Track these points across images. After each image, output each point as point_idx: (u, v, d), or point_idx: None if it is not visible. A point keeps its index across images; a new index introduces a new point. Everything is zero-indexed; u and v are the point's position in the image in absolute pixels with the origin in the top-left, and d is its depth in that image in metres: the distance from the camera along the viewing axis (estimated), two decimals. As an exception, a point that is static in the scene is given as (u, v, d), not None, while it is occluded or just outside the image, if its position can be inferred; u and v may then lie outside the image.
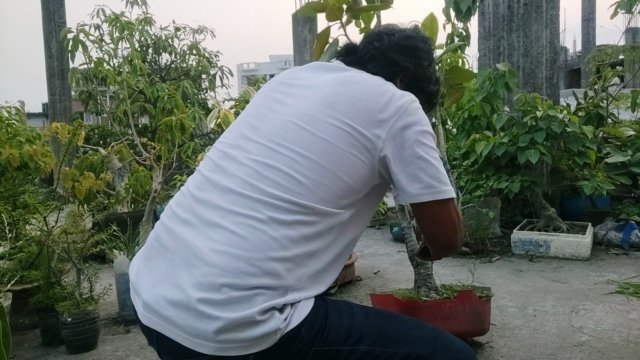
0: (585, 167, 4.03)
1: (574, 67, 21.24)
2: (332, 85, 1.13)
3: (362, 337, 1.03)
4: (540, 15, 4.84)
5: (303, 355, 0.98)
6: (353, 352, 1.02)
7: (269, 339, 0.93)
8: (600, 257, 3.82)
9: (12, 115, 3.56)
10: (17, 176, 3.44)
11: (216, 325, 0.90)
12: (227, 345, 0.92)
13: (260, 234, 0.96)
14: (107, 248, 2.62)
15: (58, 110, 10.98)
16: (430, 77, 1.35)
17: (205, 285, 0.92)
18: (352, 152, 1.05)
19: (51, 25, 10.77)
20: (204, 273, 0.93)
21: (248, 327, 0.91)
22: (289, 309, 0.97)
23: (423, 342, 1.08)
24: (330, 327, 1.01)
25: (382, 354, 1.03)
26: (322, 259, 1.03)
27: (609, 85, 4.88)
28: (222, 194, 1.01)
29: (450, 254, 1.27)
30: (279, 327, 0.93)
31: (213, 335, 0.91)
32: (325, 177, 1.02)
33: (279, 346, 0.95)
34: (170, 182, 5.98)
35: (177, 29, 9.61)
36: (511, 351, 2.15)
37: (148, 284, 1.00)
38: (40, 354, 2.31)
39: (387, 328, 1.07)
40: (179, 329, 0.93)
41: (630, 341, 2.20)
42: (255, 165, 1.03)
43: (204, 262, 0.94)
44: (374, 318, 1.08)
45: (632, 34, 17.16)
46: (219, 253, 0.94)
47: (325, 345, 1.00)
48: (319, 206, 1.01)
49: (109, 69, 3.20)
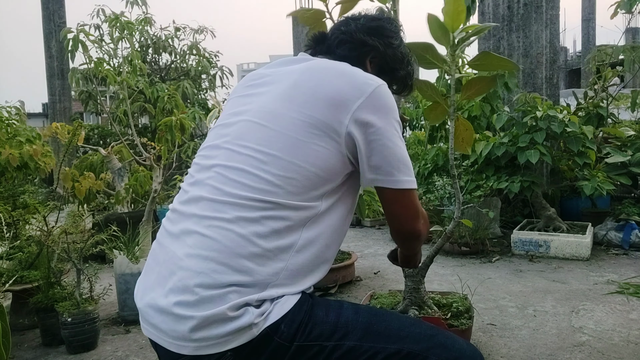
0: (585, 167, 4.03)
1: (574, 67, 21.23)
2: (292, 77, 1.13)
3: (349, 332, 1.03)
4: (540, 15, 4.84)
5: (284, 351, 0.98)
6: (338, 348, 1.01)
7: (243, 333, 0.94)
8: (600, 257, 3.82)
9: (12, 115, 3.55)
10: (17, 176, 3.44)
11: (190, 324, 0.93)
12: (203, 344, 0.94)
13: (228, 233, 0.98)
14: (107, 248, 2.62)
15: (58, 110, 10.98)
16: (402, 58, 1.34)
17: (180, 289, 0.96)
18: (315, 142, 1.04)
19: (51, 25, 10.77)
20: (180, 277, 0.97)
21: (221, 323, 0.93)
22: (268, 304, 0.98)
23: (418, 338, 1.06)
24: (314, 323, 1.01)
25: (370, 349, 1.02)
26: (303, 252, 1.03)
27: (609, 85, 4.88)
28: (197, 204, 1.05)
29: (409, 244, 1.28)
30: (252, 322, 0.94)
31: (189, 334, 0.94)
32: (291, 171, 1.03)
33: (257, 343, 0.96)
34: (170, 182, 5.98)
35: (177, 29, 9.61)
36: (511, 351, 2.15)
37: (140, 296, 1.05)
38: (40, 354, 2.31)
39: (377, 324, 1.06)
40: (163, 334, 0.98)
41: (630, 341, 2.20)
42: (222, 170, 1.05)
43: (180, 268, 0.98)
44: (364, 315, 1.07)
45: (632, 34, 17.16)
46: (192, 257, 0.98)
47: (308, 340, 1.00)
48: (287, 201, 1.01)
49: (109, 69, 3.20)
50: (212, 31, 9.89)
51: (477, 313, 2.59)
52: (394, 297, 2.28)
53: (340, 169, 1.09)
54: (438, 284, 3.25)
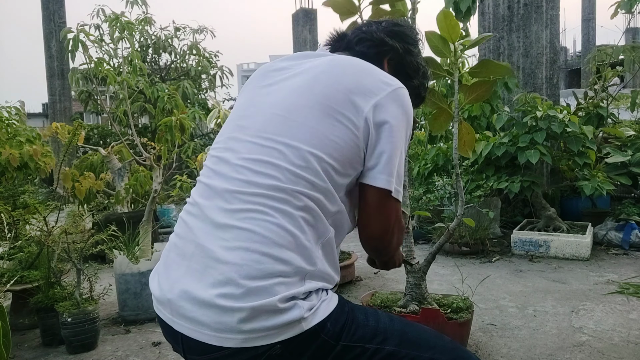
0: (585, 167, 4.03)
1: (574, 67, 21.24)
2: (314, 70, 1.14)
3: (387, 338, 1.05)
4: (540, 15, 4.84)
5: (329, 350, 1.00)
6: (379, 351, 1.03)
7: (293, 327, 0.95)
8: (600, 257, 3.82)
9: (12, 115, 3.55)
10: (17, 176, 3.44)
11: (239, 316, 0.93)
12: (252, 335, 0.94)
13: (266, 224, 0.98)
14: (107, 248, 2.62)
15: (58, 111, 10.99)
16: (418, 67, 1.35)
17: (223, 282, 0.95)
18: (334, 134, 1.06)
19: (51, 25, 10.78)
20: (221, 271, 0.96)
21: (271, 315, 0.93)
22: (315, 300, 0.99)
23: (443, 350, 1.09)
24: (357, 325, 1.04)
25: (407, 355, 1.05)
26: (329, 244, 1.06)
27: (609, 85, 4.88)
28: (223, 197, 1.04)
29: (374, 253, 1.27)
30: (302, 316, 0.95)
31: (238, 325, 0.93)
32: (311, 162, 1.04)
33: (304, 338, 0.97)
34: (170, 182, 5.97)
35: (177, 29, 9.61)
36: (511, 351, 2.15)
37: (169, 289, 1.02)
38: (40, 354, 2.31)
39: (410, 333, 1.09)
40: (205, 327, 0.96)
41: (630, 341, 2.20)
42: (247, 163, 1.06)
43: (218, 262, 0.97)
44: (398, 323, 1.10)
45: (632, 34, 17.17)
46: (232, 250, 0.97)
47: (352, 341, 1.01)
48: (309, 192, 1.03)
49: (109, 69, 3.20)
50: (212, 31, 9.90)
51: (477, 313, 2.59)
52: (394, 295, 2.29)
53: (356, 164, 1.09)
54: (438, 284, 3.25)
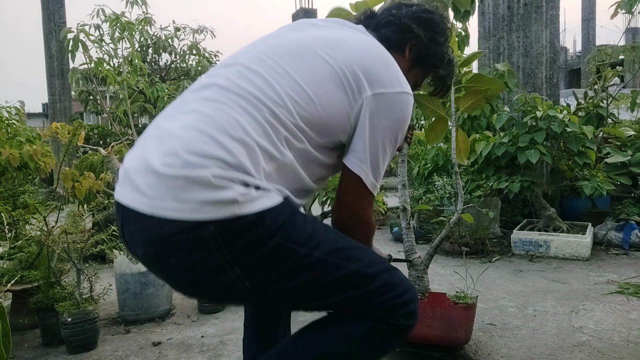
0: (585, 167, 4.03)
1: (574, 67, 21.24)
2: (341, 33, 1.21)
3: (319, 245, 1.09)
4: (540, 15, 4.84)
5: (262, 243, 1.02)
6: (308, 256, 1.07)
7: (225, 207, 0.98)
8: (600, 257, 3.82)
9: (12, 115, 3.55)
10: (17, 176, 3.44)
11: (174, 184, 0.97)
12: (183, 206, 0.97)
13: (226, 115, 1.04)
14: (107, 248, 2.62)
15: (58, 110, 10.99)
16: (443, 57, 1.38)
17: (169, 154, 1.00)
18: (335, 93, 1.12)
19: (51, 25, 10.78)
20: (170, 145, 1.02)
21: (204, 188, 0.97)
22: (253, 190, 1.02)
23: (371, 263, 1.15)
24: (294, 227, 1.07)
25: (333, 264, 1.10)
26: (283, 174, 1.11)
27: (609, 85, 4.88)
28: (206, 90, 1.12)
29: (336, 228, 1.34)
30: (235, 198, 0.98)
31: (170, 192, 0.97)
32: (302, 99, 1.09)
33: (241, 227, 1.00)
34: (170, 182, 5.97)
35: (177, 29, 9.62)
36: (511, 351, 2.15)
37: (127, 160, 1.10)
38: (40, 354, 2.31)
39: (342, 244, 1.15)
40: (142, 195, 1.00)
41: (630, 341, 2.20)
42: (241, 68, 1.12)
43: (171, 137, 1.03)
44: (332, 233, 1.17)
45: (632, 34, 17.17)
46: (187, 128, 1.03)
47: (286, 241, 1.04)
48: (285, 118, 1.08)
49: (109, 69, 3.20)
50: (212, 31, 9.90)
51: (477, 313, 2.59)
52: None
53: (337, 131, 1.16)
54: (438, 284, 3.25)
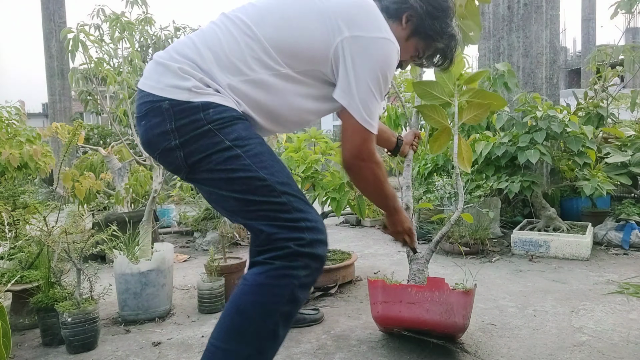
0: (585, 167, 4.03)
1: (574, 67, 21.24)
2: None
3: (244, 146, 1.27)
4: (540, 15, 4.84)
5: (199, 126, 1.26)
6: (230, 149, 1.25)
7: (181, 91, 1.27)
8: (600, 257, 3.82)
9: (12, 115, 3.55)
10: (17, 176, 3.44)
11: (158, 69, 1.34)
12: (156, 85, 1.31)
13: (214, 33, 1.35)
14: (107, 248, 2.62)
15: (58, 110, 10.99)
16: (442, 31, 1.50)
17: (167, 51, 1.38)
18: (316, 27, 1.31)
19: (51, 25, 10.78)
20: (171, 47, 1.40)
21: (171, 74, 1.30)
22: (211, 90, 1.28)
23: (283, 182, 1.28)
24: (233, 129, 1.27)
25: (248, 165, 1.25)
26: (250, 88, 1.31)
27: (609, 85, 4.88)
28: (220, 15, 1.42)
29: (351, 177, 1.50)
30: (191, 87, 1.27)
31: (154, 75, 1.34)
32: (281, 27, 1.32)
33: (187, 108, 1.26)
34: (170, 182, 5.98)
35: (177, 29, 9.63)
36: (511, 351, 2.15)
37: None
38: (40, 354, 2.31)
39: (266, 155, 1.30)
40: (147, 79, 1.36)
41: (630, 341, 2.20)
42: (247, 4, 1.40)
43: (176, 43, 1.42)
44: (263, 147, 1.32)
45: (632, 34, 17.18)
46: (186, 39, 1.38)
47: (218, 130, 1.26)
48: (263, 41, 1.31)
49: (109, 69, 3.19)
50: (212, 31, 9.90)
51: (477, 313, 2.59)
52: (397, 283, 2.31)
53: (319, 64, 1.33)
54: (438, 284, 3.24)
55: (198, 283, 2.81)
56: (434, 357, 2.07)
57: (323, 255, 1.28)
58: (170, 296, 2.81)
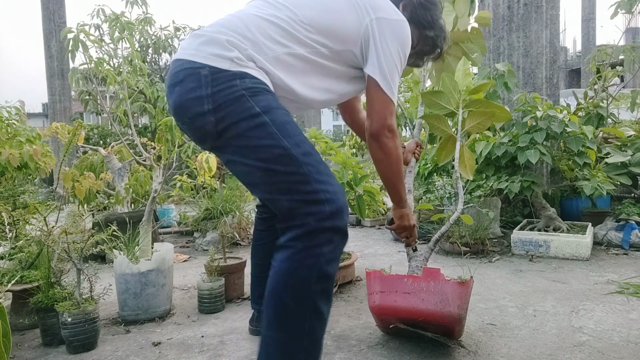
0: (585, 167, 4.03)
1: (574, 67, 21.24)
2: None
3: (275, 119, 1.33)
4: (540, 15, 4.84)
5: (233, 92, 1.32)
6: (259, 115, 1.31)
7: (223, 61, 1.35)
8: (600, 257, 3.82)
9: (12, 115, 3.55)
10: (17, 176, 3.44)
11: (200, 40, 1.42)
12: (198, 53, 1.38)
13: (256, 14, 1.46)
14: (107, 248, 2.62)
15: (58, 110, 10.99)
16: (432, 22, 1.68)
17: (213, 24, 1.48)
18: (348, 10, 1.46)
19: (51, 25, 10.78)
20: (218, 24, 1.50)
21: (216, 45, 1.38)
22: (252, 64, 1.38)
23: (306, 153, 1.33)
24: (264, 98, 1.35)
25: (274, 133, 1.31)
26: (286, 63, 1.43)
27: (609, 85, 4.88)
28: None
29: (371, 146, 1.58)
30: (233, 58, 1.35)
31: (195, 44, 1.41)
32: (316, 9, 1.45)
33: (226, 76, 1.34)
34: (170, 182, 5.98)
35: (177, 29, 9.62)
36: (511, 351, 2.15)
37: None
38: (40, 354, 2.31)
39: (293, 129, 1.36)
40: (184, 49, 1.44)
41: (630, 341, 2.20)
42: None
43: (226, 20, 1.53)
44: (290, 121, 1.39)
45: (632, 34, 17.18)
46: (235, 18, 1.49)
47: (250, 98, 1.33)
48: (309, 26, 1.44)
49: (109, 69, 3.19)
50: (212, 31, 9.90)
51: (477, 313, 2.59)
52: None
53: (351, 43, 1.47)
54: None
55: (198, 283, 2.81)
56: (434, 357, 2.07)
57: (344, 226, 1.32)
58: (170, 296, 2.81)
